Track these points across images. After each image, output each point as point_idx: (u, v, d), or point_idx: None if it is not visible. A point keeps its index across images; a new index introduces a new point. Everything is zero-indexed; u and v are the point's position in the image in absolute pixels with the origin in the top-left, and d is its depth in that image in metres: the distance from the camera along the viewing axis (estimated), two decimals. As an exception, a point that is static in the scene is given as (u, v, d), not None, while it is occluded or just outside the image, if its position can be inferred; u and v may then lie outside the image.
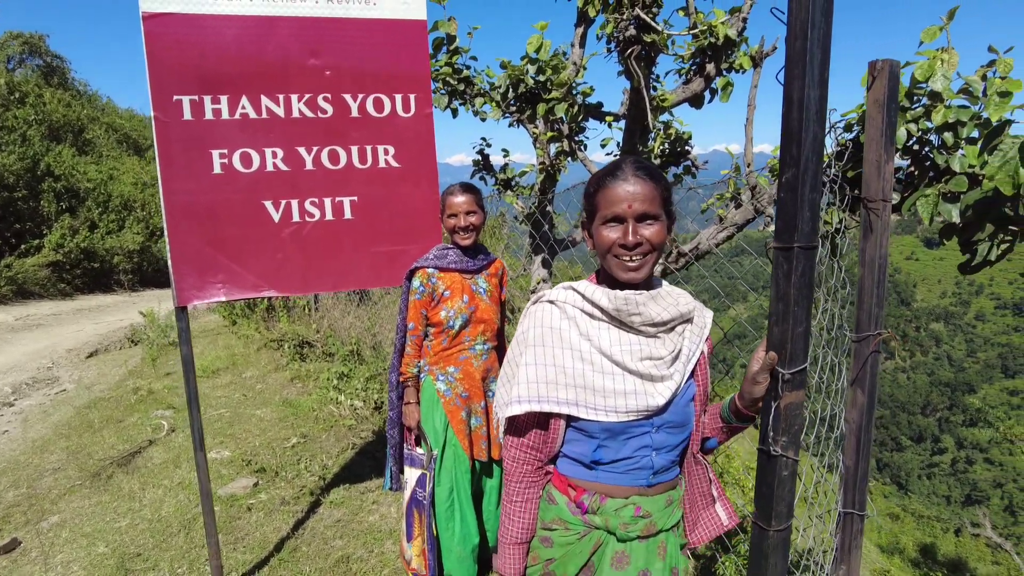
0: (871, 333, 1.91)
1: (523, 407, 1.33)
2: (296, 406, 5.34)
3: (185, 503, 3.71)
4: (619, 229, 1.29)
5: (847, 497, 1.99)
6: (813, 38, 1.23)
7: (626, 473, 1.38)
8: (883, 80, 1.83)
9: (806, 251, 1.28)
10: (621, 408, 1.32)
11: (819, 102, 1.26)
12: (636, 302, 1.32)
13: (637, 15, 3.77)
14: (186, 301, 2.51)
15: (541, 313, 1.39)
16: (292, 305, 8.55)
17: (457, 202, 2.52)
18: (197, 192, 2.48)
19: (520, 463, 1.41)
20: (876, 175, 1.88)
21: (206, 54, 2.44)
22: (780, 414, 1.32)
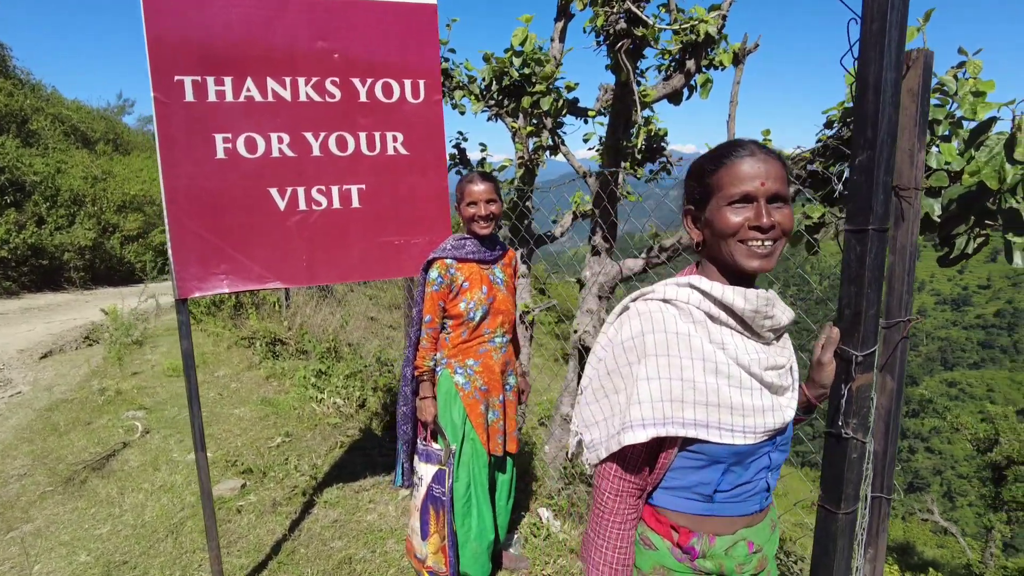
0: (902, 319, 1.94)
1: (648, 432, 1.13)
2: (276, 405, 5.18)
3: (169, 507, 3.54)
4: (749, 210, 1.12)
5: (876, 481, 2.01)
6: (892, 20, 1.22)
7: (743, 501, 1.22)
8: (918, 70, 1.85)
9: (880, 233, 1.27)
10: (760, 427, 1.16)
11: (895, 85, 1.25)
12: (772, 301, 1.17)
13: (628, 8, 3.76)
14: (188, 293, 2.38)
15: (660, 315, 1.17)
16: (261, 302, 8.32)
17: (477, 190, 2.46)
18: (199, 177, 2.36)
19: (623, 498, 1.20)
20: (909, 164, 1.90)
21: (210, 33, 2.32)
22: (852, 396, 1.31)
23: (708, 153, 1.21)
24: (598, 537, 1.22)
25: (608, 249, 4.29)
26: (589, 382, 1.26)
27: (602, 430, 1.22)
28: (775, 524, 1.31)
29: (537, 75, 4.43)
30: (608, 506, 1.21)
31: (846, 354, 1.29)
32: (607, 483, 1.21)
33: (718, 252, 1.18)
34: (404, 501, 3.57)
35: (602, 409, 1.22)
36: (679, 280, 1.21)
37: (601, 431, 1.22)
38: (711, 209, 1.17)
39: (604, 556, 1.21)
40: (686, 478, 1.19)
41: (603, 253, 4.30)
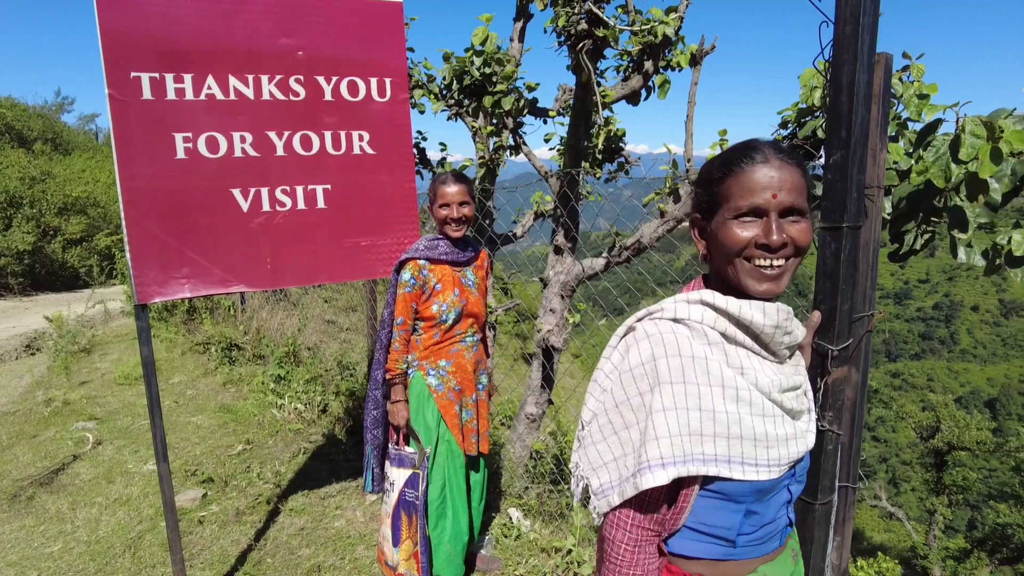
0: (866, 313, 2.00)
1: (669, 472, 0.99)
2: (234, 411, 5.04)
3: (126, 521, 3.41)
4: (758, 225, 1.01)
5: (843, 471, 2.07)
6: (864, 24, 1.26)
7: (765, 542, 1.10)
8: (879, 72, 1.90)
9: (854, 230, 1.31)
10: (784, 459, 1.04)
11: (867, 86, 1.29)
12: (790, 317, 1.06)
13: (589, 9, 3.80)
14: (148, 298, 2.29)
15: (672, 336, 1.04)
16: (216, 306, 8.09)
17: (450, 192, 2.43)
18: (158, 178, 2.27)
19: (641, 547, 1.05)
20: (873, 163, 1.96)
21: (168, 28, 2.24)
22: (828, 390, 1.35)
23: (719, 156, 1.08)
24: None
25: (570, 248, 4.32)
26: (594, 416, 1.10)
27: (613, 472, 1.06)
28: (796, 553, 1.20)
29: (498, 75, 4.43)
30: (625, 559, 1.04)
31: (822, 348, 1.33)
32: (622, 533, 1.04)
33: (723, 270, 1.07)
34: (372, 506, 3.51)
35: (611, 448, 1.07)
36: (689, 296, 1.08)
37: (612, 474, 1.06)
38: (717, 221, 1.05)
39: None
40: (707, 520, 1.05)
41: (565, 252, 4.33)
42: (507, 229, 5.38)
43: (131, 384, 5.92)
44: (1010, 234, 2.59)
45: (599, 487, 1.07)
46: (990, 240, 2.58)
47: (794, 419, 1.09)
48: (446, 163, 5.39)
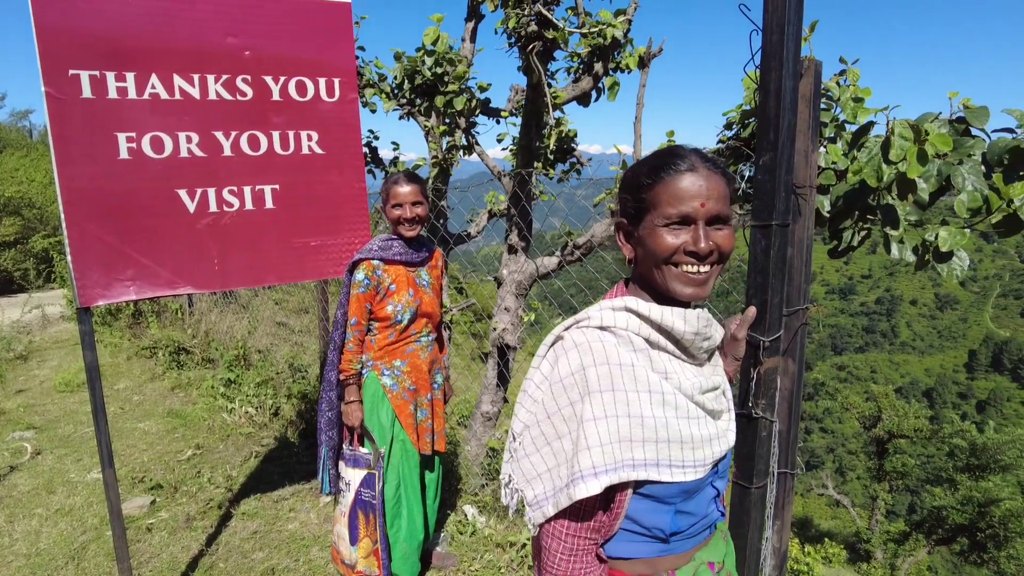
0: (801, 307, 2.11)
1: (602, 480, 0.99)
2: (183, 416, 4.93)
3: (69, 532, 3.31)
4: (687, 232, 1.03)
5: (781, 458, 2.18)
6: (788, 33, 1.34)
7: (697, 535, 1.14)
8: (809, 77, 2.01)
9: (783, 228, 1.39)
10: (708, 458, 1.07)
11: (793, 92, 1.37)
12: (709, 322, 1.09)
13: (538, 11, 3.86)
14: (91, 301, 2.24)
15: (600, 345, 1.04)
16: (163, 309, 7.87)
17: (403, 192, 2.45)
18: (101, 179, 2.22)
19: (579, 556, 1.05)
20: (804, 164, 2.07)
21: (108, 25, 2.19)
22: (760, 379, 1.43)
23: (645, 162, 1.09)
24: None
25: (524, 247, 4.37)
26: (526, 428, 1.10)
27: (547, 483, 1.05)
28: (726, 534, 1.26)
29: (450, 75, 4.45)
30: (561, 568, 1.05)
31: (754, 339, 1.41)
32: (558, 543, 1.04)
33: (649, 274, 1.08)
34: (326, 508, 3.50)
35: (544, 459, 1.06)
36: (614, 303, 1.09)
37: (546, 485, 1.05)
38: (645, 227, 1.06)
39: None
40: (639, 521, 1.07)
41: (519, 251, 4.38)
42: (461, 228, 5.40)
43: (72, 391, 5.72)
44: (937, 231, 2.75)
45: (534, 498, 1.07)
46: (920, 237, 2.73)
47: (715, 419, 1.12)
48: (399, 162, 5.38)
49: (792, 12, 1.33)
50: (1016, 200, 2.71)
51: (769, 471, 1.52)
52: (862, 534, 18.49)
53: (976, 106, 2.83)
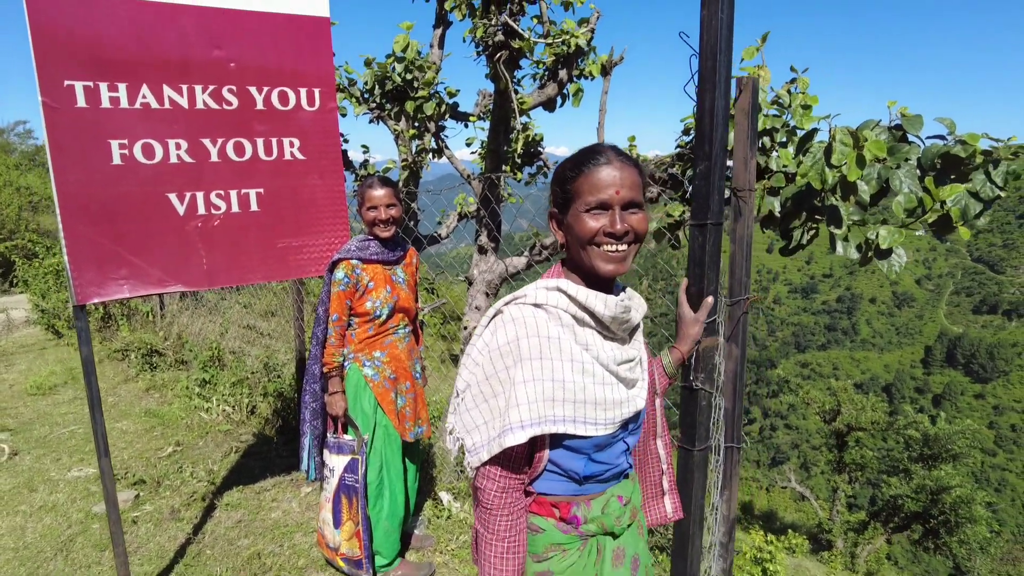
0: (742, 297, 2.35)
1: (528, 432, 1.18)
2: (160, 416, 5.01)
3: (54, 526, 3.40)
4: (605, 216, 1.20)
5: (728, 433, 2.42)
6: (720, 61, 1.57)
7: (608, 481, 1.35)
8: (748, 93, 2.26)
9: (716, 226, 1.62)
10: (617, 418, 1.26)
11: (724, 110, 1.60)
12: (628, 307, 1.27)
13: (505, 21, 4.07)
14: (86, 299, 2.37)
15: (533, 319, 1.22)
16: (133, 312, 7.87)
17: (377, 195, 2.63)
18: (95, 184, 2.36)
19: (508, 493, 1.25)
20: (744, 169, 2.31)
21: (101, 39, 2.33)
22: (699, 355, 1.65)
23: (569, 159, 1.26)
24: (488, 533, 1.25)
25: (494, 248, 4.57)
26: (467, 387, 1.28)
27: (483, 434, 1.24)
28: (634, 478, 1.48)
29: (420, 80, 4.63)
30: (495, 503, 1.24)
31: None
32: (491, 483, 1.24)
33: (577, 256, 1.25)
34: (308, 497, 3.65)
35: (482, 414, 1.25)
36: (548, 283, 1.26)
37: (482, 435, 1.24)
38: (571, 214, 1.23)
39: (495, 549, 1.25)
40: (559, 467, 1.28)
41: (489, 252, 4.58)
42: (432, 230, 5.58)
43: (45, 394, 5.73)
44: (878, 230, 3.02)
45: (472, 446, 1.25)
46: (863, 235, 2.99)
47: (628, 387, 1.30)
48: (369, 164, 5.54)
49: (723, 42, 1.55)
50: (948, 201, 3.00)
51: (711, 438, 1.74)
52: (824, 525, 19.07)
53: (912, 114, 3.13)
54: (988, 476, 60.80)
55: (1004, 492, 59.60)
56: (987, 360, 77.05)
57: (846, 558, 16.91)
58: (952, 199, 2.88)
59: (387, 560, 2.86)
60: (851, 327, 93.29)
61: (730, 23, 1.55)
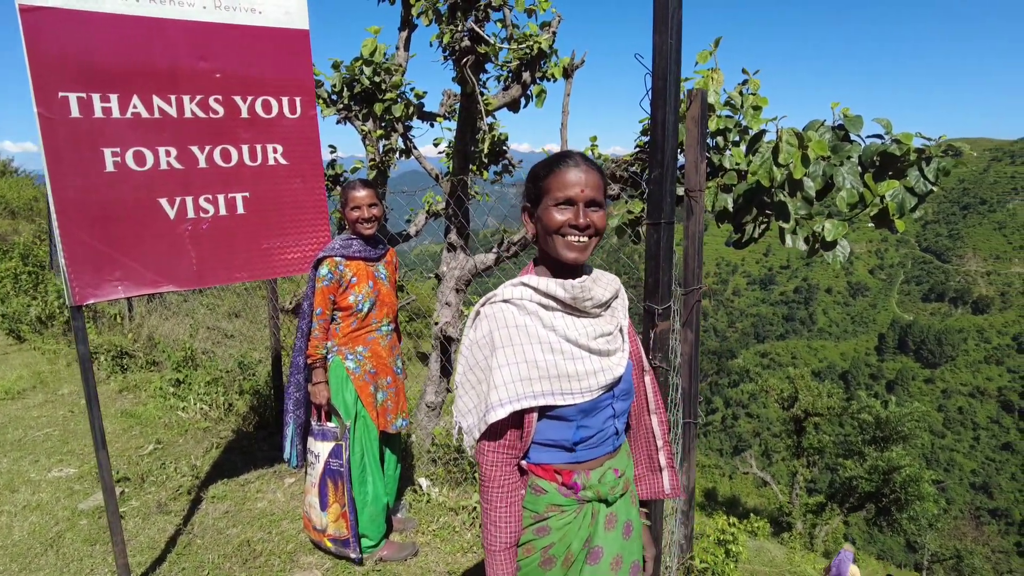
0: (695, 287, 2.59)
1: (506, 409, 1.36)
2: (137, 416, 5.07)
3: (41, 524, 3.48)
4: (570, 211, 1.37)
5: (685, 410, 2.67)
6: (670, 81, 1.79)
7: (600, 445, 1.50)
8: (697, 103, 2.50)
9: (669, 225, 1.85)
10: (594, 386, 1.42)
11: (674, 124, 1.83)
12: (587, 287, 1.43)
13: (471, 28, 4.26)
14: (83, 300, 2.49)
15: (502, 314, 1.41)
16: (99, 315, 7.82)
17: (359, 196, 2.80)
18: (89, 190, 2.48)
19: (501, 466, 1.42)
20: (694, 171, 2.56)
21: (93, 52, 2.45)
22: (656, 338, 1.88)
23: (543, 161, 1.45)
24: (485, 502, 1.43)
25: (462, 245, 4.76)
26: (460, 377, 1.49)
27: (474, 416, 1.44)
28: (628, 454, 1.64)
29: (387, 83, 4.77)
30: (489, 474, 1.42)
31: (650, 308, 1.86)
32: (485, 457, 1.42)
33: (546, 245, 1.43)
34: (292, 487, 3.79)
35: (471, 399, 1.46)
36: (515, 281, 1.46)
37: (473, 417, 1.45)
38: (542, 208, 1.41)
39: (492, 516, 1.42)
40: (550, 436, 1.44)
41: (458, 249, 4.76)
42: (400, 228, 5.73)
43: (14, 398, 5.71)
44: (823, 223, 3.29)
45: (467, 427, 1.47)
46: (810, 228, 3.25)
47: (605, 356, 1.46)
48: (336, 165, 5.66)
49: (672, 64, 1.78)
50: (887, 196, 3.28)
51: (669, 414, 1.98)
52: (784, 508, 19.74)
53: (853, 115, 3.41)
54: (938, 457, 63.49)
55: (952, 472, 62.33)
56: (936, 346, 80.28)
57: (805, 539, 17.57)
58: (890, 193, 3.16)
59: (373, 542, 3.04)
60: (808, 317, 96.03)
61: (678, 48, 1.78)
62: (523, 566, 1.48)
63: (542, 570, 1.48)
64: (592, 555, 1.50)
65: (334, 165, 5.62)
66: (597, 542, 1.51)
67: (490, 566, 1.44)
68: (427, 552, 3.21)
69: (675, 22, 1.74)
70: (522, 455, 1.46)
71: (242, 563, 3.08)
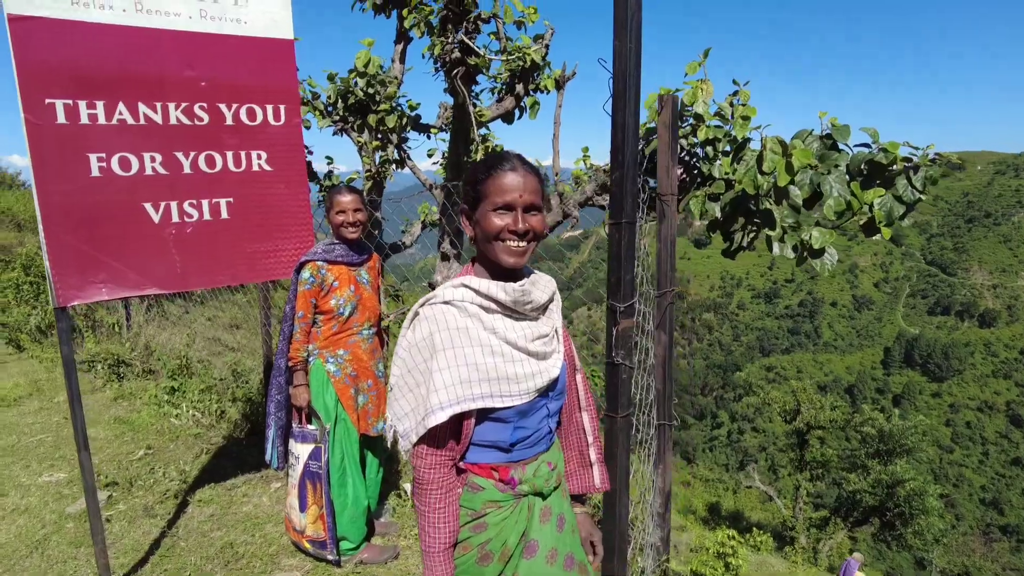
0: (668, 289, 2.63)
1: (447, 412, 1.35)
2: (130, 423, 5.11)
3: (27, 527, 3.51)
4: (509, 216, 1.36)
5: (660, 412, 2.70)
6: (630, 84, 1.84)
7: (535, 444, 1.52)
8: (668, 108, 2.56)
9: (630, 225, 1.89)
10: (531, 388, 1.42)
11: (635, 127, 1.88)
12: (527, 291, 1.42)
13: (461, 40, 4.33)
14: (67, 301, 2.54)
15: (443, 316, 1.39)
16: (98, 324, 7.90)
17: (345, 200, 2.85)
18: (74, 193, 2.54)
19: (438, 469, 1.41)
20: (666, 176, 2.61)
21: (79, 60, 2.51)
22: (619, 335, 1.92)
23: (480, 163, 1.43)
24: (422, 505, 1.41)
25: (456, 255, 4.81)
26: (396, 380, 1.45)
27: (411, 419, 1.41)
28: (560, 448, 1.66)
29: (381, 95, 4.84)
30: (426, 478, 1.40)
31: (613, 307, 1.89)
32: (422, 461, 1.40)
33: (484, 248, 1.41)
34: (277, 492, 3.82)
35: (408, 402, 1.42)
36: (455, 282, 1.43)
37: (411, 420, 1.41)
38: (480, 212, 1.40)
39: (430, 519, 1.41)
40: (487, 437, 1.44)
41: (451, 258, 4.81)
42: (396, 238, 5.78)
43: (10, 405, 5.76)
44: (811, 232, 3.31)
45: (403, 431, 1.43)
46: (797, 237, 3.26)
47: (541, 359, 1.46)
48: (333, 175, 5.73)
49: (632, 67, 1.83)
50: (875, 204, 3.29)
51: (632, 407, 2.01)
52: (787, 522, 19.56)
53: (841, 124, 3.43)
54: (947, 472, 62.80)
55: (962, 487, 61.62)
56: (942, 360, 79.71)
57: (809, 553, 17.40)
58: (878, 202, 3.17)
59: (354, 544, 3.06)
60: (813, 330, 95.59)
61: (638, 51, 1.82)
62: (459, 564, 1.47)
63: (480, 567, 1.48)
64: (528, 549, 1.51)
65: (331, 176, 5.69)
66: (532, 536, 1.52)
67: (428, 569, 1.42)
68: (408, 555, 3.23)
69: (634, 26, 1.79)
70: (459, 457, 1.46)
71: (224, 565, 3.10)
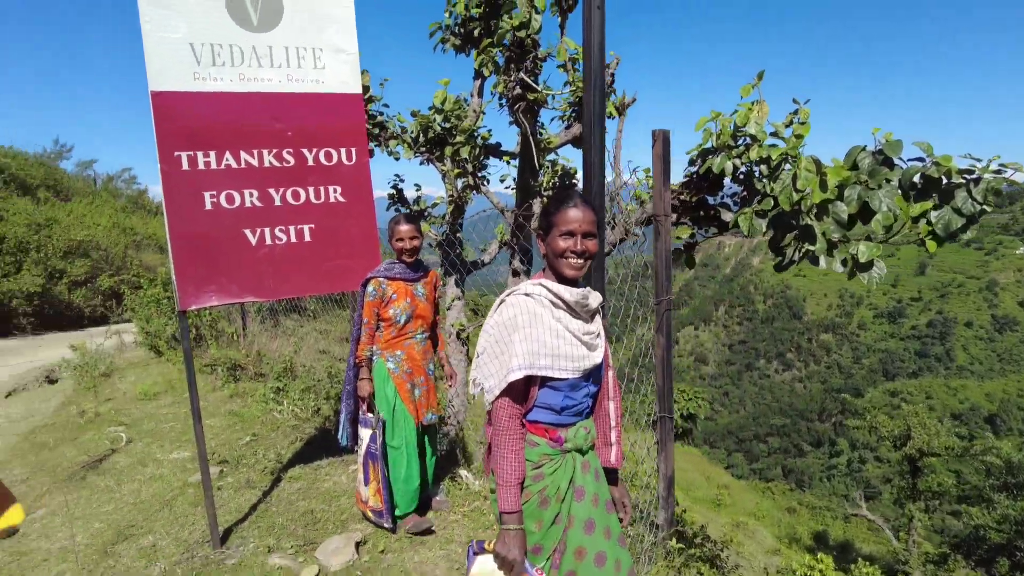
0: (664, 298, 3.00)
1: (522, 372, 1.79)
2: (241, 415, 6.00)
3: (161, 490, 4.36)
4: (571, 240, 1.83)
5: (660, 405, 3.05)
6: (595, 131, 2.29)
7: (577, 414, 1.96)
8: (660, 143, 2.95)
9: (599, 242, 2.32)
10: (581, 368, 1.87)
11: (600, 164, 2.32)
12: (586, 295, 1.89)
13: (522, 78, 4.86)
14: (186, 306, 3.29)
15: (523, 303, 1.85)
16: (220, 333, 9.07)
17: (403, 230, 3.47)
18: (193, 223, 3.29)
19: (512, 419, 1.84)
20: (660, 199, 3.00)
21: (199, 121, 3.28)
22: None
23: (552, 199, 1.92)
24: (499, 448, 1.84)
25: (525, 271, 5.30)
26: (484, 348, 1.91)
27: (496, 378, 1.84)
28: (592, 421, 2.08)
29: (457, 128, 5.45)
30: (504, 425, 1.83)
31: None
32: (504, 412, 1.84)
33: (552, 263, 1.89)
34: (354, 472, 4.47)
35: (494, 366, 1.85)
36: (534, 281, 1.92)
37: (496, 379, 1.84)
38: (551, 236, 1.88)
39: (507, 456, 1.83)
40: (545, 401, 1.88)
41: (521, 274, 5.31)
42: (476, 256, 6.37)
43: (150, 399, 6.87)
44: (859, 246, 3.49)
45: (489, 387, 1.87)
46: (846, 251, 3.37)
47: (589, 349, 1.92)
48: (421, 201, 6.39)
49: (596, 116, 2.27)
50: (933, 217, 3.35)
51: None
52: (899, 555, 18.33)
53: (894, 140, 3.55)
54: (1103, 515, 55.33)
55: (1126, 533, 54.05)
56: (1101, 388, 70.61)
57: (923, 591, 16.22)
58: (935, 215, 3.16)
59: (402, 512, 3.63)
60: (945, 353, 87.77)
61: (602, 102, 2.27)
62: (524, 508, 1.89)
63: (540, 510, 1.92)
64: (577, 493, 1.96)
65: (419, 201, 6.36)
66: (579, 482, 1.96)
67: (503, 497, 1.83)
68: (454, 528, 3.75)
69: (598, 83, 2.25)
70: (525, 413, 1.90)
71: (304, 526, 3.76)
